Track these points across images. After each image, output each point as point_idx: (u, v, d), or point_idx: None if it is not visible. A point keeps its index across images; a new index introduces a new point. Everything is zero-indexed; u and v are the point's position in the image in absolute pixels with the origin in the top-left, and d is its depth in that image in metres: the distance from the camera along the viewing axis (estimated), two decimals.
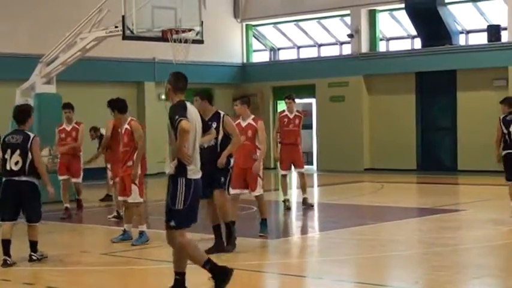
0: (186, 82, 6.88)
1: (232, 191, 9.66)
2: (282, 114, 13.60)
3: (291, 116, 13.43)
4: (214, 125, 8.77)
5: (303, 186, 13.47)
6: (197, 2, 14.67)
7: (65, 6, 19.49)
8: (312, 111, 23.71)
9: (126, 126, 9.75)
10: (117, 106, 9.96)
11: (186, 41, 14.19)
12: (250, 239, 9.96)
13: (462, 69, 20.74)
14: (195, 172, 6.54)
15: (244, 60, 25.17)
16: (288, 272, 8.36)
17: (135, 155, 9.58)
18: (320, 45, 24.47)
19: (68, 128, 13.24)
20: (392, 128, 21.95)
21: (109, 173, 12.75)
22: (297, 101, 25.12)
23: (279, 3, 23.94)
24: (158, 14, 14.04)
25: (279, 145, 13.49)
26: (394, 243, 9.98)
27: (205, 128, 7.02)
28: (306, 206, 13.35)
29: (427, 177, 19.62)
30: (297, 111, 13.65)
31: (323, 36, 24.34)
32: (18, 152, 8.39)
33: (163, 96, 22.81)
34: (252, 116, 10.05)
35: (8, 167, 8.42)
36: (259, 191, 10.00)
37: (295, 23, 24.43)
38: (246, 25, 25.12)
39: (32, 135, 8.55)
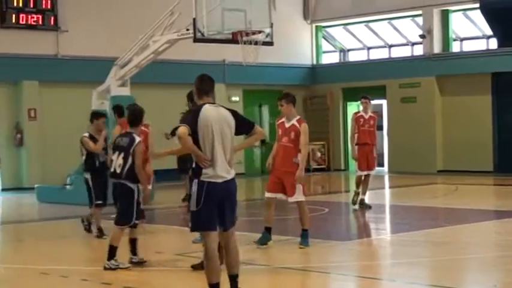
0: (212, 85, 6.61)
1: (266, 194, 9.50)
2: (358, 115, 13.58)
3: (366, 117, 13.38)
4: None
5: (364, 188, 13.36)
6: (267, 3, 14.68)
7: (139, 9, 19.85)
8: (383, 112, 23.45)
9: None
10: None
11: (256, 43, 14.23)
12: (317, 240, 9.89)
13: None
14: (212, 176, 6.28)
15: (314, 62, 25.10)
16: (359, 274, 8.28)
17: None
18: (391, 46, 24.17)
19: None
20: (466, 129, 21.50)
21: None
22: None
23: (349, 4, 23.77)
24: (228, 16, 14.10)
25: (355, 146, 13.47)
26: (469, 246, 9.75)
27: (246, 130, 6.66)
28: (364, 207, 13.23)
29: (505, 179, 19.12)
30: (372, 111, 13.58)
31: (394, 37, 24.04)
32: (122, 154, 8.42)
33: (233, 98, 22.99)
34: (297, 117, 9.75)
35: (112, 169, 8.53)
36: (297, 197, 9.49)
37: (365, 24, 24.22)
38: (316, 26, 25.04)
39: (137, 139, 8.45)
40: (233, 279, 6.50)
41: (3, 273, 8.16)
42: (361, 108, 13.80)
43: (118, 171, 8.39)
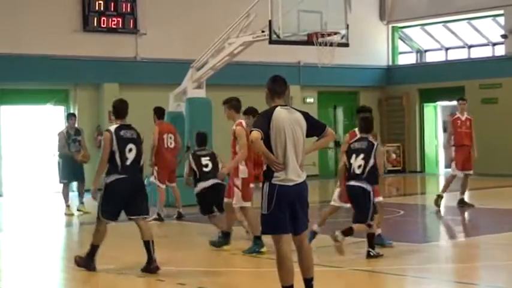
0: (285, 87, 6.56)
1: (225, 200, 9.68)
2: (455, 117, 13.62)
3: (463, 119, 13.36)
4: None
5: (464, 188, 13.30)
6: (343, 5, 14.61)
7: (215, 12, 20.06)
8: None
9: None
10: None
11: (331, 44, 14.17)
12: (396, 243, 9.78)
13: None
14: (283, 180, 6.27)
15: (390, 63, 24.82)
16: (438, 276, 8.15)
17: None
18: (470, 47, 23.65)
19: None
20: None
21: None
22: (445, 103, 24.45)
23: (427, 4, 23.39)
24: (304, 17, 14.09)
25: (452, 147, 13.47)
26: None
27: (318, 132, 6.61)
28: (464, 205, 13.20)
29: None
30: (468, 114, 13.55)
31: (473, 37, 23.52)
32: (362, 156, 8.75)
33: (308, 100, 22.97)
34: (237, 121, 9.56)
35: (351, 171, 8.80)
36: (235, 203, 9.49)
37: (443, 24, 23.78)
38: (392, 27, 24.75)
39: (375, 143, 8.86)
40: (308, 282, 6.50)
41: (77, 274, 8.37)
42: (457, 110, 13.78)
43: (358, 172, 8.67)
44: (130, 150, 8.27)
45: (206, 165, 10.10)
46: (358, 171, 8.72)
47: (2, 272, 9.14)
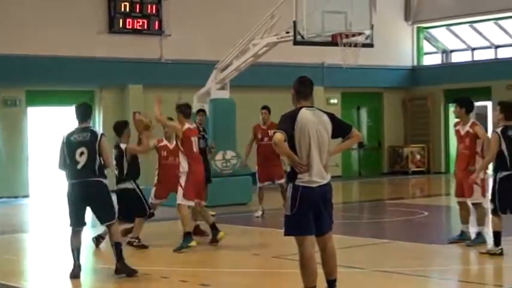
0: (311, 88, 6.53)
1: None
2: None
3: None
4: None
5: None
6: (367, 5, 14.56)
7: (239, 13, 20.09)
8: (487, 114, 22.76)
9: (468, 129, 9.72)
10: None
11: (356, 45, 14.14)
12: (418, 244, 9.71)
13: None
14: (307, 181, 6.25)
15: (415, 63, 24.68)
16: (463, 278, 8.09)
17: None
18: (497, 47, 23.44)
19: None
20: None
21: None
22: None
23: (453, 4, 23.22)
24: (328, 18, 14.07)
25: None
26: None
27: (343, 133, 6.60)
28: None
29: None
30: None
31: (500, 38, 23.30)
32: None
33: (332, 101, 22.91)
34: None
35: None
36: (178, 200, 9.86)
37: (469, 24, 23.59)
38: (417, 27, 24.61)
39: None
40: (331, 284, 6.48)
41: (109, 274, 8.44)
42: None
43: None
44: (81, 153, 8.07)
45: None
46: None
47: (28, 272, 9.25)
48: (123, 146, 10.03)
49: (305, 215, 6.29)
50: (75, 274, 8.19)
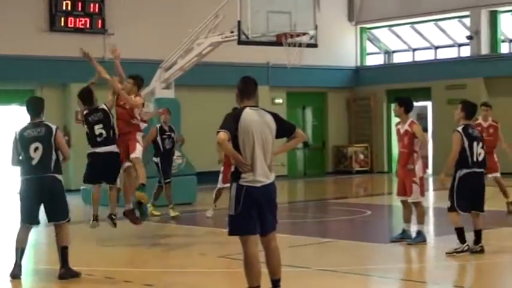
0: (255, 88, 6.53)
1: None
2: (475, 123, 13.23)
3: (485, 125, 12.93)
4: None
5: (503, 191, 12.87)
6: (312, 6, 14.67)
7: (184, 13, 19.99)
8: (427, 114, 23.21)
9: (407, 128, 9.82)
10: None
11: (300, 45, 14.24)
12: (359, 242, 9.81)
13: None
14: (250, 181, 6.26)
15: (358, 64, 24.99)
16: (402, 277, 8.18)
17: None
18: (437, 48, 23.92)
19: None
20: None
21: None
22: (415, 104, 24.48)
23: (395, 6, 23.60)
24: (273, 18, 14.13)
25: None
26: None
27: (288, 133, 6.59)
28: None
29: None
30: (493, 120, 13.05)
31: (440, 38, 23.79)
32: (480, 144, 8.97)
33: (277, 100, 23.02)
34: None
35: (474, 159, 8.90)
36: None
37: (410, 25, 24.02)
38: (361, 28, 24.93)
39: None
40: (275, 283, 6.51)
41: (50, 275, 8.30)
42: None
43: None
44: (36, 149, 7.86)
45: None
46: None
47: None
48: (104, 106, 10.26)
49: (249, 214, 6.29)
50: (15, 274, 8.02)
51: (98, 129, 10.15)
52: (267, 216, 6.40)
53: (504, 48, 22.35)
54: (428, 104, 23.25)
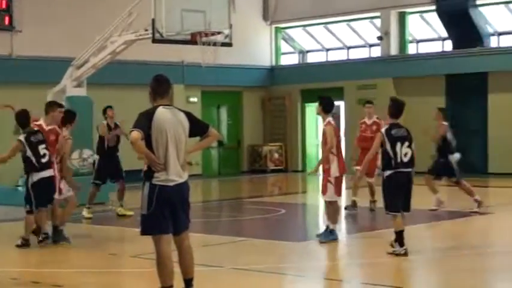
0: (168, 87, 6.50)
1: None
2: (360, 122, 13.53)
3: (369, 123, 13.24)
4: None
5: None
6: (227, 5, 14.68)
7: (96, 10, 19.64)
8: (340, 113, 23.61)
9: None
10: None
11: (215, 44, 14.22)
12: (273, 241, 9.86)
13: (494, 71, 20.53)
14: (163, 180, 6.23)
15: (273, 63, 25.18)
16: (316, 275, 8.28)
17: None
18: (349, 48, 24.37)
19: None
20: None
21: None
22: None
23: (309, 6, 23.89)
24: (187, 17, 14.06)
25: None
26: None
27: (201, 132, 6.59)
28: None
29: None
30: (377, 117, 13.43)
31: (352, 39, 24.25)
32: (406, 144, 8.90)
33: (192, 99, 22.92)
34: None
35: (398, 160, 8.74)
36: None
37: (324, 25, 24.38)
38: (275, 28, 25.13)
39: None
40: (188, 283, 6.49)
41: None
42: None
43: (405, 160, 8.83)
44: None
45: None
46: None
47: None
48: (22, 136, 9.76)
49: (161, 214, 6.25)
50: None
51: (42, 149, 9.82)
52: (180, 215, 6.37)
53: (412, 49, 22.99)
54: (341, 104, 23.63)
